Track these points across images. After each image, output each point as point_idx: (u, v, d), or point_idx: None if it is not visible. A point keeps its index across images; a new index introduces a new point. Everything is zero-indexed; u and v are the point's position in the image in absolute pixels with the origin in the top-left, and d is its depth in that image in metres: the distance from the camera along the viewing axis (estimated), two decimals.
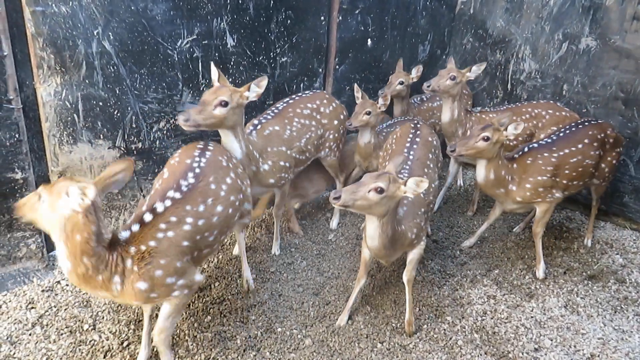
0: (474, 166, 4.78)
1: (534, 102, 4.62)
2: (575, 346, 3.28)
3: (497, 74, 5.26)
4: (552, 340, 3.32)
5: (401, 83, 4.49)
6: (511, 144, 4.36)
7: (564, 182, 3.81)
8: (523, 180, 3.72)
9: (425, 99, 4.99)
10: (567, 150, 3.82)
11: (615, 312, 3.61)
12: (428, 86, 4.08)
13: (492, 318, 3.48)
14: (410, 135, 3.60)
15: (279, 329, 3.24)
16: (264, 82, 3.10)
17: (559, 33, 4.74)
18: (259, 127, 3.56)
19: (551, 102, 4.60)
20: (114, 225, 3.69)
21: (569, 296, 3.74)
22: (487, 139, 3.41)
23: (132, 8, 3.29)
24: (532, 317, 3.51)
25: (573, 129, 3.97)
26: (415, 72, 4.57)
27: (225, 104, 2.94)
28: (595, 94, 4.63)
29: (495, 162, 3.57)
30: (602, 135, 3.94)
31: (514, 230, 4.56)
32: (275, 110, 3.75)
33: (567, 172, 3.79)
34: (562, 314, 3.56)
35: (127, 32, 3.31)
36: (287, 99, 3.92)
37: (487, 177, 3.61)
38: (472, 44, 5.38)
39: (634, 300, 3.71)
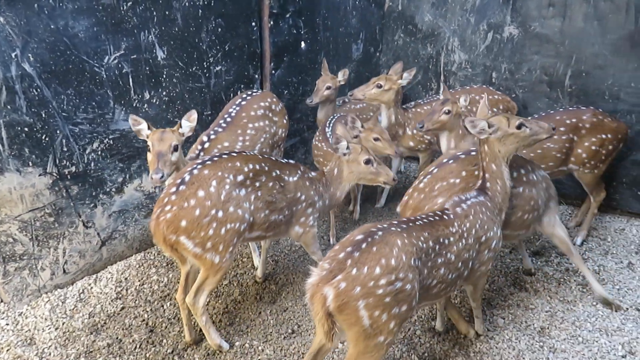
0: (416, 159, 4.92)
1: (467, 87, 4.79)
2: (526, 322, 3.42)
3: (430, 67, 5.41)
4: (504, 319, 3.44)
5: (328, 88, 4.36)
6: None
7: None
8: None
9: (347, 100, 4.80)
10: None
11: (559, 284, 3.79)
12: (351, 94, 4.16)
13: None
14: None
15: (238, 343, 3.19)
16: (193, 115, 3.17)
17: (483, 23, 4.94)
18: (207, 144, 3.51)
19: (484, 86, 4.78)
20: (53, 256, 3.50)
21: (516, 274, 3.90)
22: (448, 112, 3.71)
23: (52, 26, 3.14)
24: (483, 298, 3.63)
25: (542, 114, 4.05)
26: (342, 76, 4.48)
27: (176, 147, 3.08)
28: (522, 79, 4.85)
29: (455, 134, 3.80)
30: (574, 120, 3.95)
31: None
32: (228, 119, 3.68)
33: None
34: (512, 292, 3.71)
35: (48, 52, 3.16)
36: (238, 100, 3.81)
37: (448, 148, 3.86)
38: (404, 39, 5.51)
39: (575, 271, 3.91)
